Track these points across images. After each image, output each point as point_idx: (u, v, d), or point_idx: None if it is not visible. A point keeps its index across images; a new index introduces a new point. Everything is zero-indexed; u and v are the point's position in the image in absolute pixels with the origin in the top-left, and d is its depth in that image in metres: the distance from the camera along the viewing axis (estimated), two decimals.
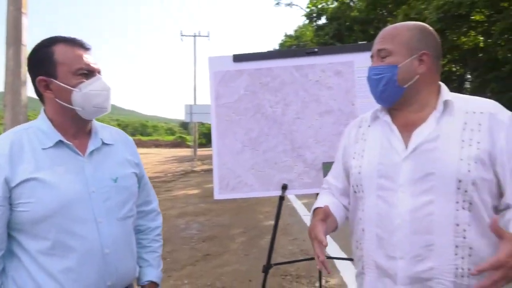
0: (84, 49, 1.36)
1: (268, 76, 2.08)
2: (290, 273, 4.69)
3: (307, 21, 23.13)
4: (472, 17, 13.01)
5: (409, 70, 1.31)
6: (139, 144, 57.24)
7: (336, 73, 2.05)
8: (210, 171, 19.84)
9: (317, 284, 4.33)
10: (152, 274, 1.58)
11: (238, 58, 2.11)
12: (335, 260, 4.84)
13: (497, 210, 1.25)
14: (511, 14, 10.76)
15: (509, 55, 11.98)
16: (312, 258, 2.55)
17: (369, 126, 1.46)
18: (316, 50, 2.09)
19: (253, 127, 2.08)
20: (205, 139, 58.45)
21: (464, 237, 1.20)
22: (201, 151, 36.19)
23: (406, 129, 1.32)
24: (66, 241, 1.28)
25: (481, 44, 14.27)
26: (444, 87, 1.36)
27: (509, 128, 1.22)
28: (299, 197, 9.76)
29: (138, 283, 1.58)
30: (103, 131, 1.49)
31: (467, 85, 16.17)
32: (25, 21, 6.36)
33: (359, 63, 2.03)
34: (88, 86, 1.33)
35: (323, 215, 1.34)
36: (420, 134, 1.28)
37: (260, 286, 4.32)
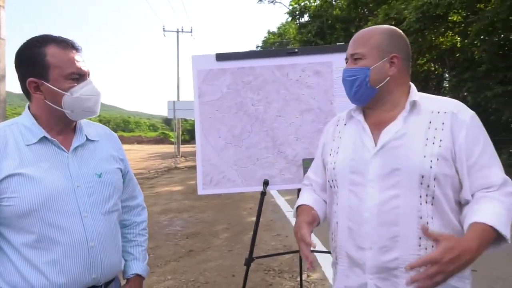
0: (75, 50, 1.37)
1: (250, 75, 2.15)
2: (273, 268, 4.78)
3: (290, 19, 23.20)
4: (450, 18, 13.33)
5: (380, 72, 1.38)
6: (122, 140, 55.54)
7: (316, 73, 2.13)
8: (193, 167, 19.81)
9: (299, 279, 4.44)
10: (137, 267, 1.61)
11: (221, 57, 2.17)
12: (317, 255, 4.96)
13: (460, 204, 1.34)
14: (487, 16, 11.08)
15: (484, 55, 12.33)
16: (292, 252, 2.65)
17: (345, 124, 1.54)
18: (296, 50, 2.16)
19: (236, 124, 2.14)
20: (188, 135, 57.97)
21: (427, 229, 1.27)
22: (184, 148, 36.00)
23: (377, 128, 1.40)
24: (51, 234, 1.30)
25: (458, 44, 14.65)
26: (413, 88, 1.44)
27: (469, 127, 1.30)
28: (282, 193, 9.88)
29: (124, 276, 1.61)
30: (88, 127, 1.52)
31: (446, 84, 16.56)
32: (3, 14, 6.25)
33: (337, 63, 2.11)
34: (79, 91, 1.35)
35: (310, 218, 1.42)
36: (388, 132, 1.36)
37: (242, 281, 4.42)
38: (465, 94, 13.36)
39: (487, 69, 11.99)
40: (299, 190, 2.40)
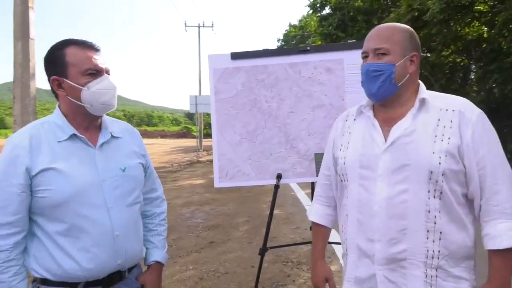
0: (93, 50, 1.48)
1: (264, 73, 2.23)
2: (291, 260, 4.86)
3: (311, 11, 22.98)
4: (476, 7, 12.93)
5: (403, 70, 1.40)
6: (145, 134, 57.38)
7: (327, 70, 2.19)
8: None
9: None
10: (157, 255, 1.71)
11: (235, 56, 2.26)
12: (334, 247, 5.02)
13: (467, 198, 1.39)
14: None
15: (511, 46, 11.93)
16: (305, 243, 2.72)
17: (354, 120, 1.56)
18: (308, 48, 2.23)
19: (250, 120, 2.24)
20: (211, 129, 58.36)
21: (435, 223, 1.32)
22: (207, 142, 36.35)
23: (387, 124, 1.43)
24: (80, 224, 1.42)
25: (485, 35, 14.19)
26: (422, 86, 1.46)
27: (475, 125, 1.33)
28: (302, 187, 9.91)
29: (145, 263, 1.72)
30: (112, 125, 1.63)
31: (472, 75, 16.12)
32: (32, 15, 6.52)
33: (349, 60, 2.17)
34: (96, 85, 1.45)
35: (323, 249, 1.66)
36: (398, 128, 1.39)
37: (261, 272, 4.53)
38: (493, 85, 12.97)
39: None
40: (313, 183, 2.47)
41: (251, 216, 7.48)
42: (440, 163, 1.31)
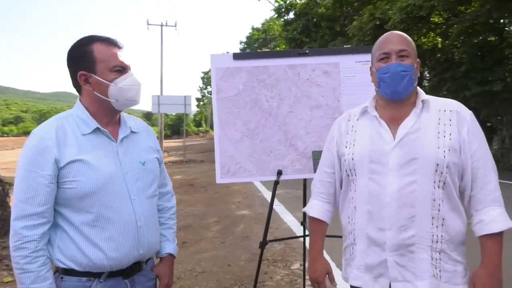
0: (118, 47, 1.53)
1: (265, 73, 2.33)
2: (266, 257, 4.96)
3: (275, 15, 23.36)
4: (432, 19, 13.76)
5: (416, 72, 1.57)
6: None
7: (324, 73, 2.32)
8: (178, 162, 19.70)
9: (293, 267, 4.65)
10: (169, 247, 1.77)
11: (237, 56, 2.34)
12: (308, 245, 5.18)
13: (460, 190, 1.55)
14: (467, 18, 11.51)
15: (464, 56, 12.79)
16: (301, 236, 2.83)
17: (357, 119, 1.69)
18: (307, 51, 2.35)
19: (251, 119, 2.32)
20: (170, 130, 57.32)
21: (439, 210, 1.48)
22: (167, 143, 35.80)
23: (392, 123, 1.58)
24: (107, 214, 1.46)
25: (439, 45, 15.12)
26: (420, 89, 1.63)
27: (469, 124, 1.52)
28: (269, 188, 10.07)
29: (158, 255, 1.77)
30: (129, 120, 1.68)
31: (426, 83, 17.08)
32: None
33: (344, 64, 2.31)
34: (122, 81, 1.50)
35: (322, 244, 1.75)
36: (404, 127, 1.54)
37: (238, 270, 4.61)
38: (445, 93, 13.84)
39: (466, 70, 12.46)
40: (304, 180, 2.58)
41: (221, 216, 7.51)
42: (444, 156, 1.48)
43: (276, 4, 22.15)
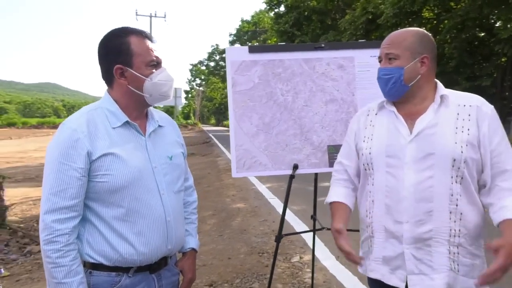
0: (152, 41, 1.50)
1: (280, 67, 2.32)
2: (266, 251, 4.98)
3: (266, 8, 23.27)
4: (423, 14, 13.88)
5: (413, 71, 1.56)
6: None
7: (339, 67, 2.33)
8: None
9: (293, 260, 4.68)
10: (192, 242, 1.76)
11: (253, 49, 2.32)
12: (307, 239, 5.23)
13: (479, 184, 1.57)
14: (459, 14, 11.65)
15: (454, 51, 12.95)
16: (311, 231, 2.86)
17: (376, 114, 1.70)
18: (323, 45, 2.35)
19: (267, 112, 2.31)
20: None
21: (457, 205, 1.50)
22: None
23: (409, 118, 1.59)
24: (138, 208, 1.45)
25: None
26: (439, 84, 1.63)
27: (491, 118, 1.53)
28: (263, 181, 10.09)
29: (181, 250, 1.76)
30: (156, 114, 1.65)
31: None
32: None
33: (359, 58, 2.32)
34: (157, 76, 1.48)
35: (342, 221, 1.63)
36: (422, 121, 1.55)
37: (239, 263, 4.62)
38: None
39: (456, 65, 12.63)
40: (316, 174, 2.59)
41: (216, 209, 7.50)
42: (462, 152, 1.49)
43: None
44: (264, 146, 2.26)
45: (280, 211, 7.11)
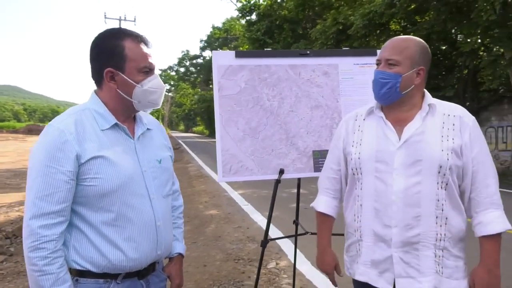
0: (146, 45, 1.46)
1: (266, 72, 2.33)
2: (242, 257, 4.96)
3: (238, 15, 23.38)
4: (391, 27, 14.38)
5: (409, 80, 1.59)
6: None
7: (324, 73, 2.37)
8: None
9: (269, 266, 4.68)
10: (179, 247, 1.73)
11: (239, 54, 2.33)
12: (282, 245, 5.25)
13: (460, 190, 1.62)
14: (424, 27, 12.15)
15: None
16: (293, 236, 2.87)
17: (364, 119, 1.73)
18: (308, 52, 2.39)
19: (253, 117, 2.32)
20: None
21: (442, 210, 1.56)
22: None
23: (397, 124, 1.63)
24: (127, 213, 1.40)
25: None
26: (427, 93, 1.69)
27: (471, 129, 1.60)
28: (235, 188, 10.07)
29: (167, 255, 1.70)
30: (144, 117, 1.61)
31: None
32: None
33: (343, 66, 2.37)
34: (148, 83, 1.44)
35: (330, 238, 1.81)
36: (410, 128, 1.60)
37: (215, 270, 4.57)
38: None
39: None
40: (299, 179, 2.61)
41: (189, 217, 7.39)
42: (448, 159, 1.55)
43: (239, 4, 22.19)
44: (250, 151, 2.26)
45: (254, 217, 7.13)
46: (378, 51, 1.70)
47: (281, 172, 2.26)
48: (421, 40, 1.67)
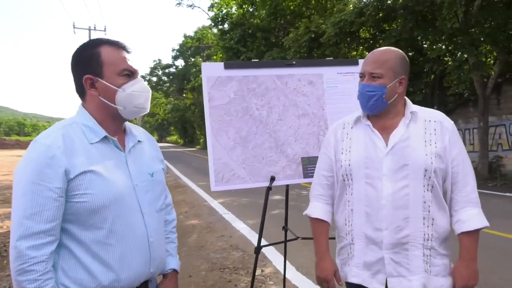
0: (126, 51, 1.43)
1: (254, 82, 2.40)
2: (227, 266, 4.95)
3: (211, 24, 23.46)
4: (361, 35, 14.83)
5: (393, 90, 1.69)
6: (18, 145, 50.77)
7: (309, 83, 2.46)
8: None
9: (256, 273, 4.71)
10: (173, 263, 1.66)
11: (228, 65, 2.39)
12: (266, 252, 5.28)
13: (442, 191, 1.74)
14: (393, 34, 12.61)
15: None
16: (283, 242, 2.91)
17: (351, 128, 1.82)
18: (294, 62, 2.48)
19: (243, 126, 2.37)
20: None
21: (429, 211, 1.65)
22: None
23: (384, 132, 1.73)
24: (119, 229, 1.34)
25: None
26: (408, 100, 1.79)
27: (451, 133, 1.71)
28: (214, 197, 10.03)
29: (161, 272, 1.62)
30: (133, 129, 1.56)
31: None
32: None
33: (327, 75, 2.47)
34: (131, 87, 1.40)
35: (328, 244, 1.83)
36: (395, 135, 1.70)
37: (201, 280, 4.55)
38: None
39: None
40: (287, 186, 2.67)
41: None
42: (432, 162, 1.66)
43: (211, 13, 22.29)
44: (241, 160, 2.31)
45: (236, 225, 7.15)
46: (360, 61, 1.78)
47: (272, 179, 2.32)
48: (399, 50, 1.77)
